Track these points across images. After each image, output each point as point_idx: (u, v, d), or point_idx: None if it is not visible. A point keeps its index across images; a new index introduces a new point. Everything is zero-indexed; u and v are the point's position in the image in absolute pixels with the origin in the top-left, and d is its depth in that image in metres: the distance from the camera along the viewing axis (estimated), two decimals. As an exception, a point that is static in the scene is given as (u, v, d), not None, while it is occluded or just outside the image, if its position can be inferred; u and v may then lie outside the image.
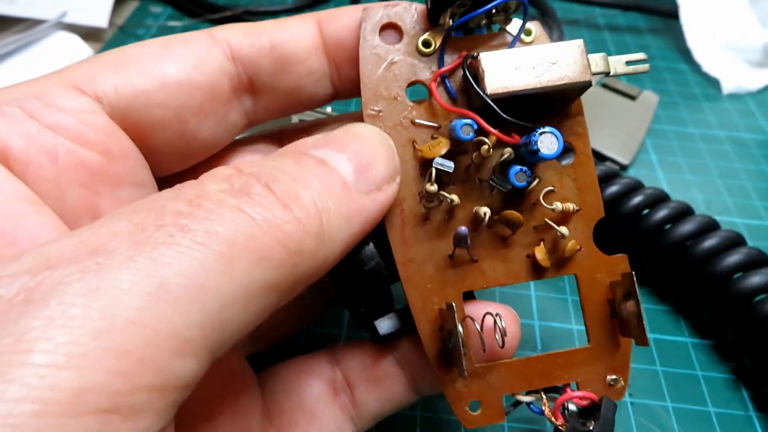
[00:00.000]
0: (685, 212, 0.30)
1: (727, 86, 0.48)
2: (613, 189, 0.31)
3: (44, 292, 0.12)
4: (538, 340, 0.30)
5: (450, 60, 0.21)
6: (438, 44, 0.21)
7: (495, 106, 0.19)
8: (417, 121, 0.21)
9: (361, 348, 0.23)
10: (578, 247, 0.21)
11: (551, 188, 0.21)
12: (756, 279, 0.27)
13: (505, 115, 0.19)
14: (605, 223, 0.21)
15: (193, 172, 0.21)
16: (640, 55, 0.21)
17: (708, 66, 0.49)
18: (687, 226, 0.29)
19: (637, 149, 0.41)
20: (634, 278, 0.20)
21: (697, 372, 0.29)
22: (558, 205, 0.21)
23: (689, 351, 0.30)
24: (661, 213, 0.30)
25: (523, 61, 0.19)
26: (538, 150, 0.19)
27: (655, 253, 0.31)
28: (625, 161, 0.40)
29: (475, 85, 0.19)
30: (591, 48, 0.52)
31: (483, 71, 0.19)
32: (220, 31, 0.21)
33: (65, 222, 0.17)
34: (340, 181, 0.17)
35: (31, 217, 0.16)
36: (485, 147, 0.19)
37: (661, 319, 0.31)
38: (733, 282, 0.27)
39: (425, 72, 0.21)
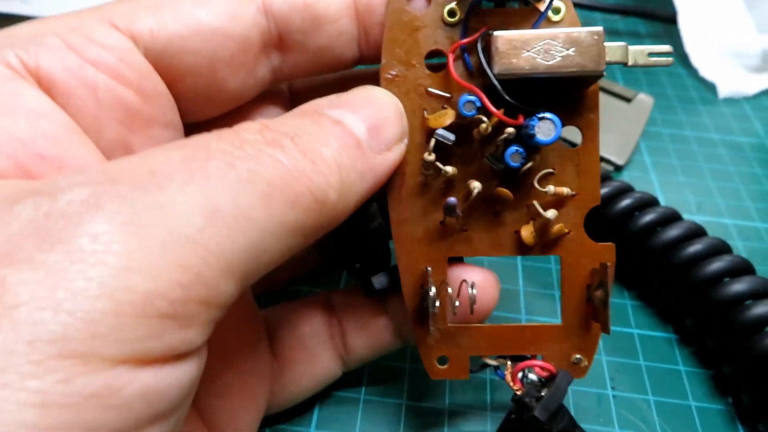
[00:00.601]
0: (671, 217, 0.31)
1: (724, 90, 0.48)
2: (601, 191, 0.32)
3: (113, 200, 0.13)
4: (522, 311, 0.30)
5: (474, 33, 0.21)
6: (463, 14, 0.21)
7: (499, 86, 0.19)
8: (430, 89, 0.21)
9: (355, 297, 0.25)
10: (566, 230, 0.21)
11: (551, 170, 0.21)
12: (737, 287, 0.27)
13: (506, 96, 0.19)
14: (594, 224, 0.22)
15: (215, 122, 0.22)
16: (665, 48, 0.20)
17: (705, 70, 0.50)
18: (671, 232, 0.29)
19: (631, 150, 0.42)
20: (608, 269, 0.20)
21: (679, 367, 0.29)
22: (551, 189, 0.21)
23: (673, 347, 0.30)
24: (647, 217, 0.30)
25: (536, 44, 0.19)
26: (535, 135, 0.19)
27: (640, 257, 0.31)
28: (620, 162, 0.41)
29: (485, 63, 0.19)
30: (590, 52, 0.53)
31: (494, 50, 0.19)
32: None
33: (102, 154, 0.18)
34: (355, 141, 0.18)
35: (76, 146, 0.17)
36: (483, 125, 0.20)
37: (646, 316, 0.32)
38: (714, 289, 0.28)
39: (446, 42, 0.21)
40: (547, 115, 0.19)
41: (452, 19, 0.21)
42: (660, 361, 0.30)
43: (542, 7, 0.20)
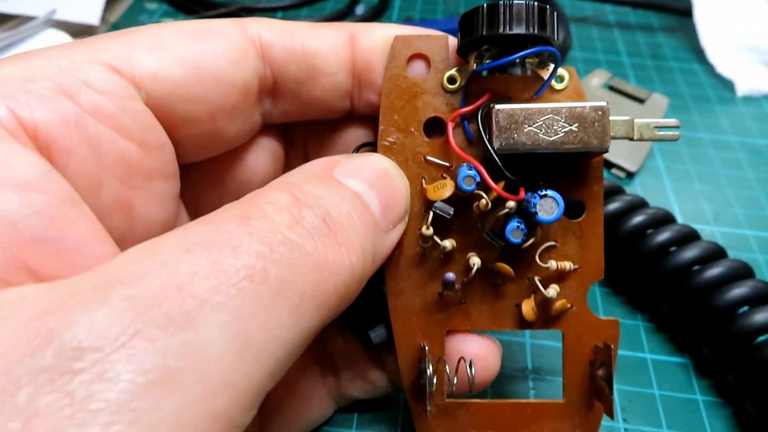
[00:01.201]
0: (687, 237, 0.29)
1: (742, 88, 0.46)
2: (611, 207, 0.29)
3: (142, 351, 0.12)
4: (528, 360, 0.28)
5: (474, 99, 0.20)
6: (463, 81, 0.20)
7: (500, 163, 0.18)
8: (429, 158, 0.20)
9: (351, 345, 0.24)
10: (569, 305, 0.21)
11: (553, 243, 0.21)
12: (759, 317, 0.25)
13: (508, 174, 0.19)
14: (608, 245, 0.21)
15: (207, 162, 0.21)
16: (672, 121, 0.19)
17: (722, 67, 0.47)
18: (686, 254, 0.27)
19: (645, 156, 0.39)
20: (612, 351, 0.20)
21: (696, 397, 0.27)
22: (553, 264, 0.20)
23: (690, 374, 0.28)
24: (661, 237, 0.28)
25: (538, 119, 0.18)
26: (536, 213, 0.18)
27: (653, 279, 0.29)
28: (632, 168, 0.39)
29: (485, 138, 0.19)
30: (601, 47, 0.50)
31: (495, 125, 0.18)
32: (252, 24, 0.19)
33: (98, 219, 0.16)
34: (372, 220, 0.18)
35: (74, 223, 0.15)
36: (483, 202, 0.19)
37: (660, 341, 0.30)
38: (734, 320, 0.26)
39: (446, 109, 0.20)
40: (549, 192, 0.19)
41: (452, 86, 0.20)
42: (676, 390, 0.27)
43: (546, 75, 0.20)
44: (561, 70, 0.20)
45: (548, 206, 0.18)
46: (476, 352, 0.21)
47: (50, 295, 0.12)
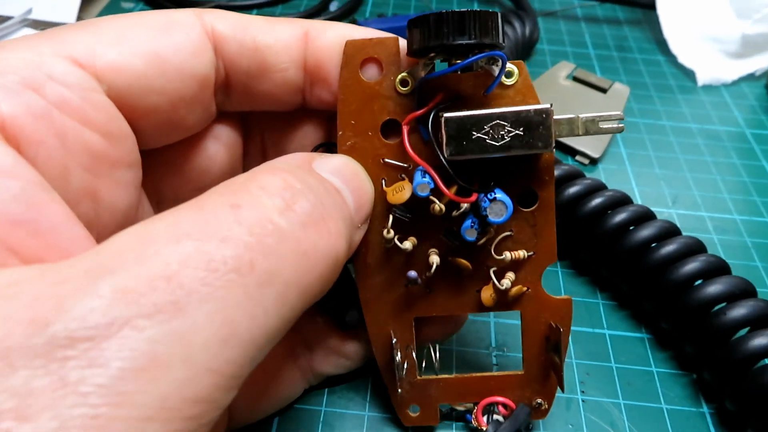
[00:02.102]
0: (645, 216, 0.30)
1: (703, 78, 0.47)
2: (571, 191, 0.31)
3: (130, 335, 0.12)
4: (492, 338, 0.29)
5: (428, 97, 0.20)
6: (415, 84, 0.21)
7: (451, 172, 0.19)
8: (387, 160, 0.21)
9: (321, 320, 0.25)
10: (525, 288, 0.22)
11: (509, 233, 0.22)
12: (713, 288, 0.27)
13: (459, 181, 0.20)
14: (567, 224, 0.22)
15: (164, 153, 0.22)
16: (616, 114, 0.20)
17: (684, 57, 0.49)
18: (644, 232, 0.29)
19: (607, 143, 0.41)
20: (561, 332, 0.22)
21: (651, 368, 0.29)
22: (507, 255, 0.21)
23: (646, 348, 0.30)
24: (618, 218, 0.30)
25: (486, 125, 0.19)
26: (487, 216, 0.20)
27: (612, 260, 0.30)
28: (595, 155, 0.40)
29: (436, 146, 0.20)
30: (568, 39, 0.52)
31: (443, 135, 0.19)
32: (209, 16, 0.20)
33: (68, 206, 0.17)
34: (349, 215, 0.19)
35: (47, 205, 0.15)
36: (437, 207, 0.20)
37: (619, 317, 0.31)
38: (692, 291, 0.27)
39: (401, 111, 0.21)
40: (498, 196, 0.20)
41: (405, 89, 0.21)
42: (632, 363, 0.29)
43: (495, 71, 0.20)
44: (510, 66, 0.20)
45: (498, 209, 0.20)
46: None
47: (42, 280, 0.13)
